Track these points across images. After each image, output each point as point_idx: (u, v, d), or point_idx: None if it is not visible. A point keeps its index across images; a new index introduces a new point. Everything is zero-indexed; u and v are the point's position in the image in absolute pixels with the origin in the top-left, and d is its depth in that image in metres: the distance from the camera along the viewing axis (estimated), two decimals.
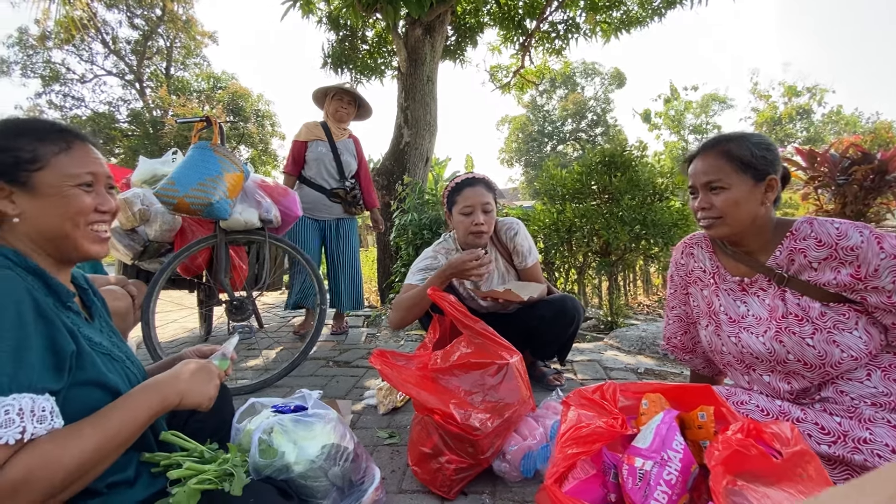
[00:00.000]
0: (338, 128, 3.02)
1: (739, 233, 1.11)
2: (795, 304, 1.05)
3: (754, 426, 0.72)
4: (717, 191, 1.09)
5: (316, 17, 5.02)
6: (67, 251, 0.80)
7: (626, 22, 5.05)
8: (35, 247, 0.78)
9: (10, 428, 0.60)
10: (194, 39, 19.11)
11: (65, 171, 0.77)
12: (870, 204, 3.86)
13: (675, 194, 3.64)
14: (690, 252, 1.30)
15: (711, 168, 1.10)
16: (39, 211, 0.76)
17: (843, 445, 0.93)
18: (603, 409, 0.86)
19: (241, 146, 16.59)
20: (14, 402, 0.61)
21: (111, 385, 0.76)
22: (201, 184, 1.83)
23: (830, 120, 23.70)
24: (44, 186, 0.76)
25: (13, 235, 0.77)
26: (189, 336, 3.26)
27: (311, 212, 2.97)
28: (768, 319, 1.09)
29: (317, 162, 2.96)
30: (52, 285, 0.76)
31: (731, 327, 1.16)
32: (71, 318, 0.77)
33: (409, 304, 1.72)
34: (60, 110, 18.12)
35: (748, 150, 1.08)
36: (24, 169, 0.75)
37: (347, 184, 2.98)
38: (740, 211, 1.07)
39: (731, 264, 1.19)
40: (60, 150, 0.78)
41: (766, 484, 0.63)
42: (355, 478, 1.06)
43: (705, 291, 1.24)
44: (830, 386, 1.04)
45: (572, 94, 28.74)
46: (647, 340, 2.60)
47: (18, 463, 0.60)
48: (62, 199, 0.77)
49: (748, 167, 1.07)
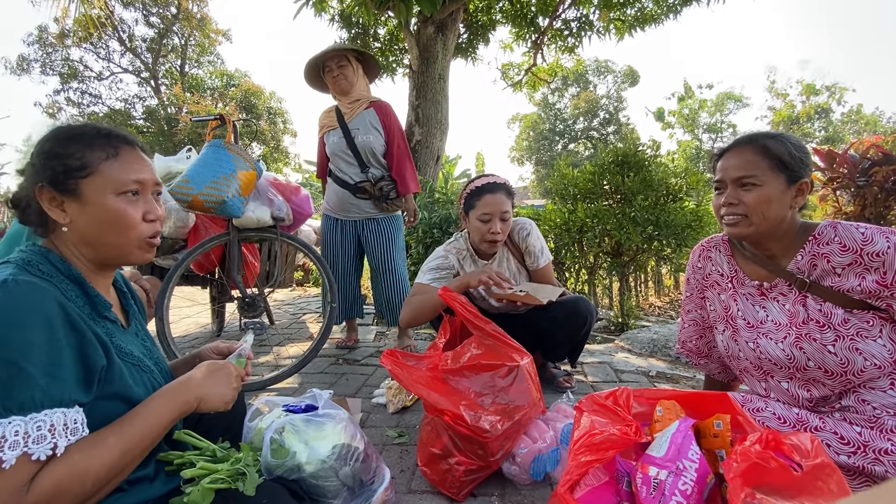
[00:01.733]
0: (347, 102, 2.42)
1: (763, 234, 1.07)
2: (817, 311, 1.02)
3: (773, 437, 0.71)
4: (748, 187, 1.05)
5: (328, 16, 5.04)
6: (113, 258, 0.81)
7: (640, 19, 4.99)
8: (79, 253, 0.78)
9: (41, 444, 0.61)
10: (208, 37, 19.31)
11: (113, 178, 0.77)
12: (891, 206, 3.76)
13: (689, 195, 3.59)
14: (708, 255, 1.27)
15: (747, 163, 1.05)
16: (88, 219, 0.76)
17: (863, 456, 0.91)
18: (616, 416, 0.85)
19: (253, 143, 16.75)
20: (46, 419, 0.62)
21: (134, 398, 0.77)
22: (215, 182, 1.84)
23: (850, 119, 23.19)
24: (92, 194, 0.75)
25: (60, 241, 0.77)
26: (202, 332, 3.30)
27: (341, 212, 2.50)
28: (788, 325, 1.06)
29: (334, 155, 2.46)
30: (91, 295, 0.76)
31: (750, 332, 1.13)
32: (106, 328, 0.77)
33: (422, 307, 1.71)
34: (78, 107, 18.44)
35: (787, 150, 1.04)
36: (73, 176, 0.75)
37: (373, 173, 2.39)
38: (769, 211, 1.04)
39: (750, 268, 1.16)
40: (108, 155, 0.77)
41: (785, 497, 0.61)
42: (365, 478, 1.06)
43: (723, 296, 1.22)
44: (852, 395, 1.01)
45: (584, 92, 28.49)
46: (659, 343, 2.57)
47: (49, 476, 0.62)
48: (109, 208, 0.76)
49: (785, 167, 1.03)
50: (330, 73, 2.38)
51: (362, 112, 2.41)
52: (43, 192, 0.75)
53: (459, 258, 1.87)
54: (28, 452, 0.60)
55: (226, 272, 2.41)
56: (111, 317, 0.80)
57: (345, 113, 2.43)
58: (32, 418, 0.61)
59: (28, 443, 0.60)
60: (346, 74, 2.37)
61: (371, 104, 2.44)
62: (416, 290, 1.79)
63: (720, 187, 1.12)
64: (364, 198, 2.43)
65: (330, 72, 2.38)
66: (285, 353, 2.66)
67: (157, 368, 0.88)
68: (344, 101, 2.43)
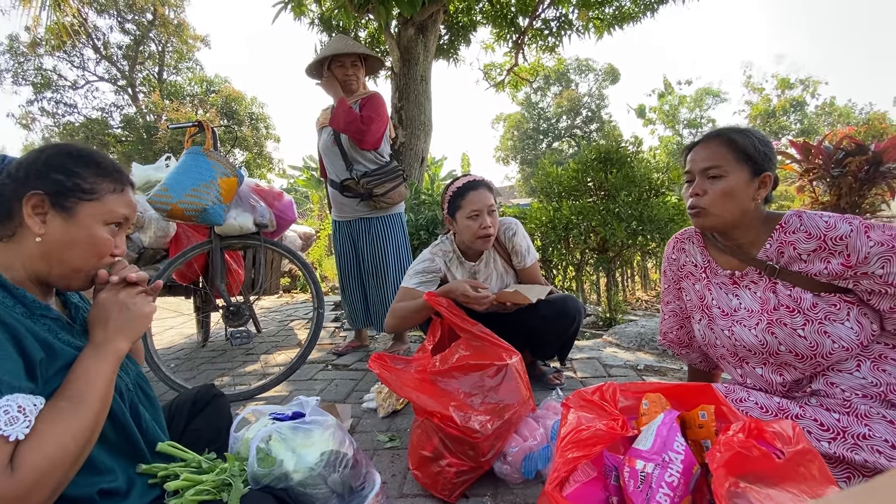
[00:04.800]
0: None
1: (728, 224, 1.11)
2: (787, 296, 1.06)
3: (756, 426, 0.72)
4: (714, 178, 1.09)
5: (308, 19, 5.00)
6: (58, 278, 0.80)
7: (618, 18, 5.04)
8: (27, 264, 0.76)
9: (16, 425, 0.61)
10: (186, 43, 18.99)
11: (109, 209, 0.81)
12: (865, 195, 3.87)
13: (672, 189, 3.65)
14: (682, 247, 1.31)
15: (713, 155, 1.10)
16: (64, 237, 0.77)
17: (842, 442, 0.93)
18: (603, 411, 0.86)
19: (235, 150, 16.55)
20: (10, 403, 0.62)
21: None
22: (195, 189, 1.81)
23: (824, 112, 23.77)
24: (84, 217, 0.78)
25: (6, 249, 0.76)
26: (187, 342, 3.24)
27: (338, 213, 2.52)
28: (760, 312, 1.10)
29: (324, 152, 2.46)
30: (17, 296, 0.74)
31: (724, 321, 1.17)
32: (47, 325, 0.76)
33: (407, 314, 1.70)
34: (53, 117, 18.00)
35: (751, 143, 1.09)
36: (77, 196, 0.78)
37: (357, 170, 2.36)
38: (730, 202, 1.08)
39: (723, 258, 1.20)
40: (115, 189, 0.83)
41: (769, 485, 0.62)
42: (355, 484, 1.05)
43: (697, 286, 1.25)
44: (821, 378, 1.05)
45: (566, 90, 28.74)
46: (646, 337, 2.60)
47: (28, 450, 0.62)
48: (93, 234, 0.79)
49: (748, 159, 1.08)
50: (342, 68, 2.36)
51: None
52: (32, 199, 0.74)
53: (446, 260, 1.86)
54: (4, 434, 0.60)
55: (209, 281, 2.37)
56: (51, 314, 0.78)
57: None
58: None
59: (1, 425, 0.60)
60: (358, 76, 2.40)
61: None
62: (402, 294, 1.78)
63: (690, 179, 1.16)
64: (350, 196, 2.40)
65: (342, 67, 2.36)
66: (273, 361, 2.63)
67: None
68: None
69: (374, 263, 2.45)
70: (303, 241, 3.45)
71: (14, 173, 0.77)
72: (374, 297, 2.47)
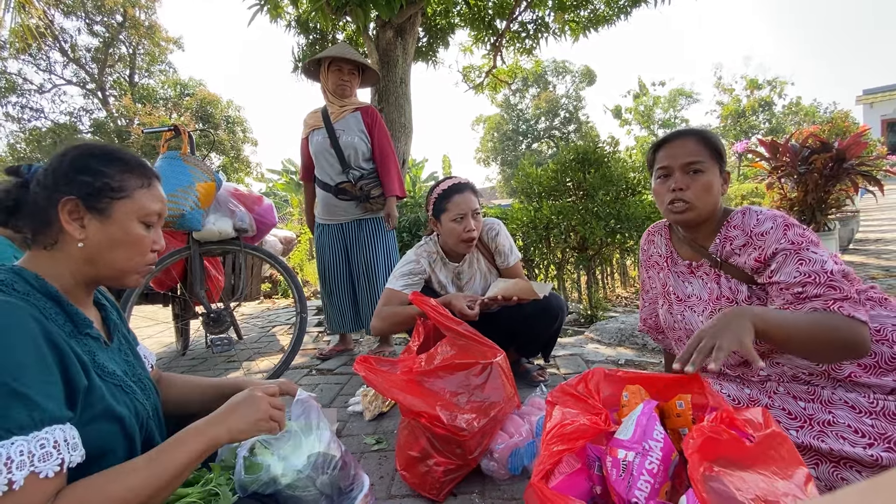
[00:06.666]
0: (337, 105, 2.41)
1: (702, 217, 1.16)
2: (727, 287, 1.14)
3: (727, 414, 0.75)
4: (696, 174, 1.14)
5: (285, 21, 4.95)
6: (110, 278, 0.80)
7: (593, 20, 5.14)
8: (74, 270, 0.76)
9: (48, 462, 0.60)
10: (158, 46, 18.54)
11: (142, 206, 0.81)
12: (830, 191, 4.02)
13: (648, 188, 3.74)
14: (652, 239, 1.39)
15: (694, 150, 1.14)
16: (105, 238, 0.77)
17: (809, 430, 0.97)
18: (586, 405, 0.88)
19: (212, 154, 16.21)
20: (48, 436, 0.61)
21: (118, 415, 0.75)
22: (172, 195, 1.79)
23: (791, 111, 24.62)
24: (119, 216, 0.78)
25: (51, 257, 0.75)
26: (165, 351, 3.17)
27: (327, 216, 2.49)
28: (707, 300, 1.19)
29: (317, 155, 2.43)
30: (70, 313, 0.74)
31: (679, 306, 1.26)
32: (88, 345, 0.75)
33: (396, 320, 1.71)
34: (18, 122, 17.34)
35: (718, 142, 1.16)
36: (108, 196, 0.77)
37: (353, 173, 2.37)
38: (709, 196, 1.13)
39: (684, 249, 1.28)
40: (143, 185, 0.82)
41: (741, 468, 0.66)
42: (344, 485, 1.05)
43: (661, 274, 1.34)
44: (766, 359, 1.09)
45: (544, 92, 29.12)
46: (627, 332, 2.66)
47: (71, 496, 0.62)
48: (131, 232, 0.79)
49: (720, 157, 1.15)
50: (339, 72, 2.38)
51: (349, 115, 2.41)
52: (67, 205, 0.74)
53: (430, 261, 1.88)
54: (35, 471, 0.59)
55: (188, 288, 2.33)
56: (93, 334, 0.77)
57: (332, 113, 2.42)
58: (35, 437, 0.60)
59: (34, 461, 0.59)
60: (353, 84, 2.43)
61: (358, 108, 2.44)
62: (388, 296, 1.78)
63: (667, 174, 1.19)
64: (346, 199, 2.40)
65: (339, 72, 2.38)
66: (255, 368, 2.60)
67: (139, 388, 0.85)
68: (335, 103, 2.42)
69: (366, 264, 2.45)
70: (283, 245, 3.42)
71: (43, 181, 0.76)
72: (365, 300, 2.46)
